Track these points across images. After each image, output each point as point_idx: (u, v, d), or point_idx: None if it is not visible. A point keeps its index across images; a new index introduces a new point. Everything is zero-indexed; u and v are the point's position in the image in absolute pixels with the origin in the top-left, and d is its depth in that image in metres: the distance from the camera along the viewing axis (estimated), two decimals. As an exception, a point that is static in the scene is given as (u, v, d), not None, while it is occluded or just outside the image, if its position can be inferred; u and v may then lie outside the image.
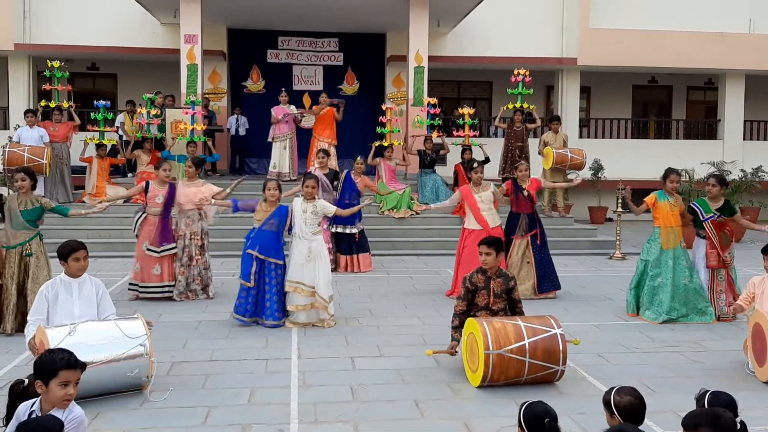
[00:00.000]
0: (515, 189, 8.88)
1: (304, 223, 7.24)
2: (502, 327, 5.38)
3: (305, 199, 7.33)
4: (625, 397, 3.29)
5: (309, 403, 5.08)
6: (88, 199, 12.88)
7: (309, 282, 7.17)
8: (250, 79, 17.70)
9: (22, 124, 13.36)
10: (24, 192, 7.01)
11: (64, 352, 3.47)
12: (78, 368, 3.41)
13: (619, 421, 3.26)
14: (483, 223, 8.60)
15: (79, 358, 3.49)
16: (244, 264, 7.28)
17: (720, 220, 7.71)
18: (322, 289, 7.20)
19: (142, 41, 16.83)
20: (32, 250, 6.94)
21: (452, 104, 19.60)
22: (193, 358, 6.15)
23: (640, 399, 3.31)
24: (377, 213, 12.91)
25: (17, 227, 6.95)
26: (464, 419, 4.83)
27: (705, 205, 7.78)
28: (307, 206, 7.28)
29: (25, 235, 6.95)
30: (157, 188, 8.40)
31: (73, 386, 3.37)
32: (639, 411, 3.27)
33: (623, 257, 11.99)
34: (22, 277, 6.90)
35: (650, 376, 5.71)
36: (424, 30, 14.81)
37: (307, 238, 7.23)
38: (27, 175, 7.04)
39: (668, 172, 7.80)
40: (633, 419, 3.24)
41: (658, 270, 7.69)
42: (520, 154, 13.46)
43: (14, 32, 16.37)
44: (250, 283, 7.18)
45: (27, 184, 7.00)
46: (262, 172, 17.24)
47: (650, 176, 17.52)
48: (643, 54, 17.88)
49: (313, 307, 7.23)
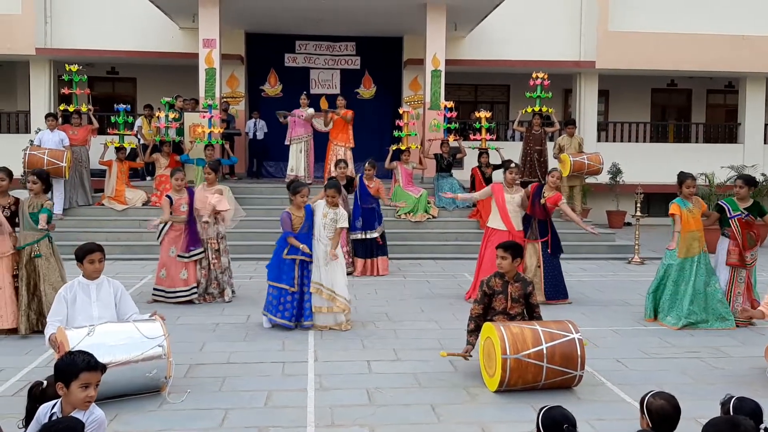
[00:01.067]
0: (536, 194, 8.81)
1: (323, 227, 7.29)
2: (519, 332, 5.35)
3: (328, 205, 7.36)
4: (658, 401, 3.25)
5: (326, 406, 5.08)
6: (107, 202, 13.00)
7: (327, 284, 7.20)
8: (267, 83, 17.78)
9: (43, 128, 13.50)
10: (35, 194, 7.07)
11: (84, 354, 3.50)
12: (98, 370, 3.44)
13: (648, 424, 3.23)
14: (508, 224, 8.52)
15: (98, 359, 3.51)
16: (286, 270, 7.24)
17: (747, 219, 7.64)
18: (339, 290, 7.23)
19: (161, 46, 16.97)
20: (41, 252, 6.98)
21: (469, 108, 19.55)
22: (210, 360, 6.18)
23: (673, 406, 3.26)
24: (394, 217, 12.90)
25: (27, 228, 7.03)
26: (481, 424, 4.80)
27: (733, 204, 7.73)
28: (328, 211, 7.33)
29: (34, 237, 7.02)
30: (177, 197, 8.47)
31: (94, 388, 3.40)
32: (670, 418, 3.22)
33: (642, 262, 11.89)
34: (33, 279, 6.96)
35: (670, 382, 5.64)
36: (441, 33, 14.79)
37: (324, 242, 7.26)
38: (39, 178, 7.09)
39: (683, 177, 7.71)
40: (664, 425, 3.20)
41: (678, 275, 7.61)
42: (539, 157, 13.42)
43: (36, 37, 16.57)
44: (294, 288, 7.20)
45: (38, 187, 7.05)
46: (279, 175, 17.31)
47: (669, 180, 17.42)
48: (662, 57, 17.73)
49: (331, 310, 7.25)
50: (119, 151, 13.15)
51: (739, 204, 7.69)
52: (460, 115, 16.73)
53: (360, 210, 10.49)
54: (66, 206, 12.71)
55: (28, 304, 6.91)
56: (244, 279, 9.80)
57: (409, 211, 13.00)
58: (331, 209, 7.35)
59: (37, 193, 7.08)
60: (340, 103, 14.23)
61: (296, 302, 7.24)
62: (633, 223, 12.56)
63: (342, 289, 7.27)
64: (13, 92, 19.01)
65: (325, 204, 7.38)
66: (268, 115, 17.02)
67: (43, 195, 7.17)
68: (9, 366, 5.93)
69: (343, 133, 14.22)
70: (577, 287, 9.21)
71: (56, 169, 11.96)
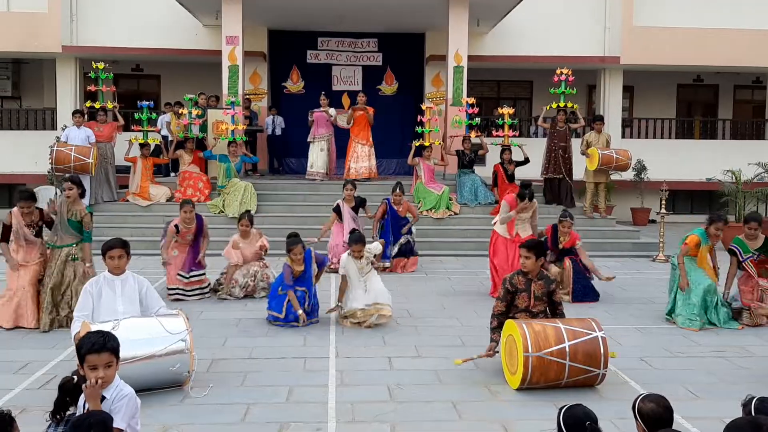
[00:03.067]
0: (554, 239, 8.80)
1: (361, 275, 7.32)
2: (542, 329, 5.31)
3: (356, 258, 7.34)
4: (648, 404, 3.20)
5: (347, 402, 5.09)
6: (132, 198, 13.12)
7: (370, 302, 7.21)
8: (289, 80, 17.83)
9: (69, 125, 13.67)
10: (72, 201, 7.13)
11: (95, 335, 3.50)
12: (105, 351, 3.40)
13: (644, 429, 3.18)
14: (512, 232, 8.62)
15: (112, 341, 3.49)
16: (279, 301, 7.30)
17: (760, 259, 7.60)
18: (382, 299, 7.26)
19: (184, 43, 17.09)
20: (78, 255, 7.11)
21: (492, 104, 19.45)
22: (232, 355, 6.22)
23: (664, 407, 3.19)
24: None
25: (65, 231, 7.12)
26: (503, 422, 4.78)
27: (743, 245, 7.66)
28: (360, 263, 7.35)
29: (72, 239, 7.12)
30: (185, 228, 8.50)
31: (103, 369, 3.39)
32: (663, 420, 3.17)
33: (667, 259, 11.74)
34: (61, 278, 7.03)
35: (694, 382, 5.58)
36: (463, 29, 14.72)
37: (363, 278, 7.32)
38: (74, 183, 7.17)
39: (714, 219, 7.57)
40: (658, 427, 3.15)
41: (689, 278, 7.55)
42: (564, 154, 13.29)
43: (62, 35, 16.78)
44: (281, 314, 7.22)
45: (74, 193, 7.13)
46: (301, 171, 17.37)
47: (695, 177, 17.25)
48: (688, 52, 17.48)
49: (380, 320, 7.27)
50: (143, 148, 13.27)
51: (749, 245, 7.61)
52: (483, 111, 16.64)
53: (390, 236, 10.43)
54: (91, 202, 12.86)
55: (55, 305, 6.98)
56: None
57: (430, 208, 12.97)
58: (362, 260, 7.36)
59: (74, 200, 7.14)
60: (360, 100, 14.26)
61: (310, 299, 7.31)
62: (658, 220, 12.42)
63: (383, 296, 7.28)
64: (40, 89, 19.28)
65: (353, 259, 7.34)
66: (290, 111, 17.10)
67: (80, 201, 7.22)
68: (35, 359, 6.02)
69: (365, 130, 14.34)
70: (601, 285, 9.11)
71: (83, 165, 12.12)
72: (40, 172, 16.12)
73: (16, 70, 19.04)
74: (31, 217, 7.15)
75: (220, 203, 12.85)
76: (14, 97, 19.07)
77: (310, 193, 13.87)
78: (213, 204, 12.87)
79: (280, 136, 16.81)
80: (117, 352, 3.49)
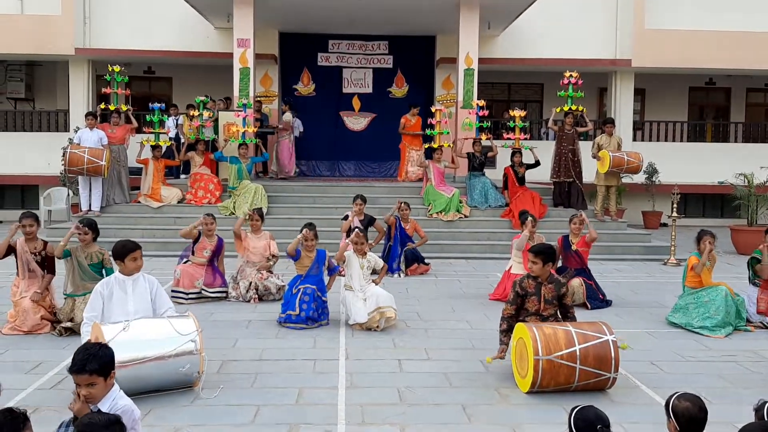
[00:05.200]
0: (565, 246, 8.71)
1: (362, 276, 7.33)
2: (552, 333, 5.30)
3: (358, 255, 7.37)
4: (683, 403, 3.18)
5: (356, 404, 5.10)
6: (143, 200, 13.19)
7: (371, 309, 7.17)
8: (300, 82, 17.87)
9: (81, 126, 13.76)
10: (86, 244, 7.03)
11: (83, 352, 3.42)
12: (84, 373, 3.33)
13: (676, 428, 3.17)
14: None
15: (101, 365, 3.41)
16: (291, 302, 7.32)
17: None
18: (383, 302, 7.20)
19: (196, 45, 17.17)
20: None
21: (502, 107, 19.43)
22: (242, 357, 6.24)
23: (699, 407, 3.18)
24: (425, 216, 12.88)
25: (85, 279, 6.98)
26: (513, 425, 4.77)
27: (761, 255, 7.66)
28: (363, 261, 7.37)
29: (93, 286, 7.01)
30: (207, 242, 8.55)
31: (85, 387, 3.33)
32: (697, 420, 3.15)
33: (678, 263, 11.67)
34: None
35: (706, 386, 5.54)
36: (474, 32, 14.72)
37: (362, 290, 7.29)
38: (89, 227, 7.05)
39: (701, 234, 7.59)
40: (692, 427, 3.14)
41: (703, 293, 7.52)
42: (573, 157, 13.25)
43: (75, 37, 16.89)
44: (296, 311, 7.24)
45: (89, 237, 7.01)
46: (311, 174, 17.41)
47: (707, 181, 17.15)
48: (700, 55, 17.39)
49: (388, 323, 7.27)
50: (155, 150, 13.34)
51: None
52: (493, 114, 16.62)
53: (398, 252, 10.38)
54: (103, 204, 12.95)
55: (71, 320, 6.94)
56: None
57: (440, 210, 12.96)
58: (363, 259, 7.38)
59: (88, 243, 7.03)
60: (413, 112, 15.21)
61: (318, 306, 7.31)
62: (669, 223, 12.36)
63: (383, 299, 7.22)
64: (53, 91, 19.43)
65: (356, 256, 7.37)
66: (301, 114, 17.12)
67: (94, 244, 7.09)
68: (47, 360, 6.06)
69: (417, 138, 14.97)
70: (612, 289, 9.08)
71: (96, 167, 12.20)
72: (53, 174, 16.25)
73: (30, 72, 19.18)
74: (34, 244, 7.13)
75: (231, 205, 12.90)
76: (28, 99, 19.21)
77: (321, 195, 13.90)
78: (224, 206, 12.92)
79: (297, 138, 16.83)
80: (101, 371, 3.37)
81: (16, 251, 7.12)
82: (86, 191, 12.84)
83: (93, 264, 7.03)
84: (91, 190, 12.83)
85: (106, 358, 3.44)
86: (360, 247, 7.38)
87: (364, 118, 17.92)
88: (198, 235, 8.59)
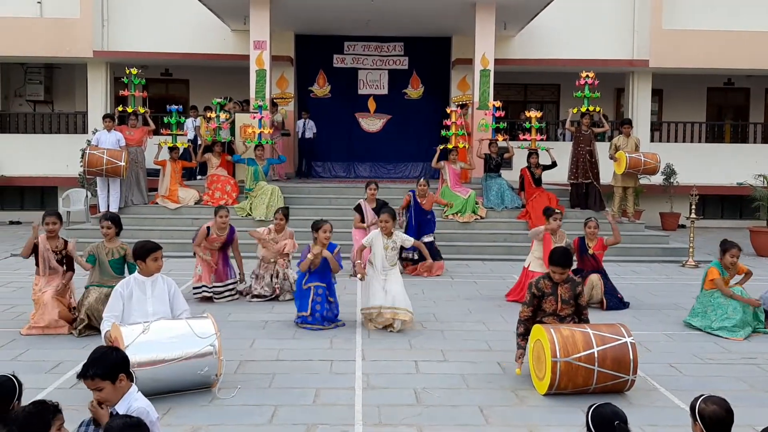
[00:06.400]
0: (581, 249, 8.68)
1: (385, 258, 7.27)
2: (570, 334, 5.27)
3: (384, 235, 7.30)
4: (710, 406, 3.16)
5: (373, 405, 5.10)
6: (161, 201, 13.28)
7: (388, 304, 7.16)
8: (316, 84, 17.94)
9: (99, 128, 13.88)
10: (109, 239, 7.13)
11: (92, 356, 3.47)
12: (87, 379, 3.39)
13: (702, 430, 3.14)
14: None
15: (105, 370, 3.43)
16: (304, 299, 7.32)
17: None
18: (400, 303, 7.17)
19: (213, 48, 17.28)
20: None
21: (519, 108, 19.36)
22: (260, 357, 6.26)
23: (726, 410, 3.16)
24: (441, 217, 12.86)
25: (105, 276, 7.07)
26: (530, 427, 4.75)
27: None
28: (387, 242, 7.29)
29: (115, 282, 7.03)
30: (217, 234, 8.54)
31: (95, 392, 3.38)
32: (724, 422, 3.13)
33: (696, 265, 11.58)
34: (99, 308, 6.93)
35: (726, 389, 5.48)
36: (490, 33, 14.69)
37: (385, 271, 7.26)
38: (113, 222, 7.15)
39: (728, 246, 7.45)
40: (717, 430, 3.11)
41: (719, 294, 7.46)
42: (590, 158, 13.18)
43: (93, 40, 17.05)
44: (307, 312, 7.24)
45: (112, 231, 7.11)
46: (327, 176, 17.46)
47: (725, 182, 16.99)
48: (719, 55, 17.24)
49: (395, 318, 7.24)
50: (172, 151, 13.43)
51: None
52: (509, 115, 16.56)
53: (416, 228, 10.39)
54: (122, 205, 13.05)
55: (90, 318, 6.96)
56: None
57: (456, 212, 12.93)
58: (389, 240, 7.28)
59: (111, 238, 7.14)
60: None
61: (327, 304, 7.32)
62: (687, 225, 12.25)
63: (401, 300, 7.19)
64: (71, 93, 19.62)
65: (382, 236, 7.29)
66: (316, 115, 17.22)
67: (117, 239, 7.20)
68: (66, 359, 6.12)
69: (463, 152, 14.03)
70: (630, 290, 9.02)
71: (114, 168, 12.31)
72: (72, 175, 16.40)
73: (49, 74, 19.38)
74: (55, 242, 7.21)
75: (248, 206, 12.96)
76: (47, 102, 19.42)
77: (336, 196, 13.93)
78: (240, 207, 12.99)
79: (311, 140, 16.92)
80: (106, 375, 3.39)
81: (37, 249, 7.20)
82: (104, 192, 12.95)
83: (114, 260, 7.10)
84: (109, 192, 12.94)
85: (110, 362, 3.45)
86: (386, 225, 7.27)
87: (380, 119, 17.96)
88: (207, 231, 8.54)
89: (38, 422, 2.92)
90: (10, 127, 18.53)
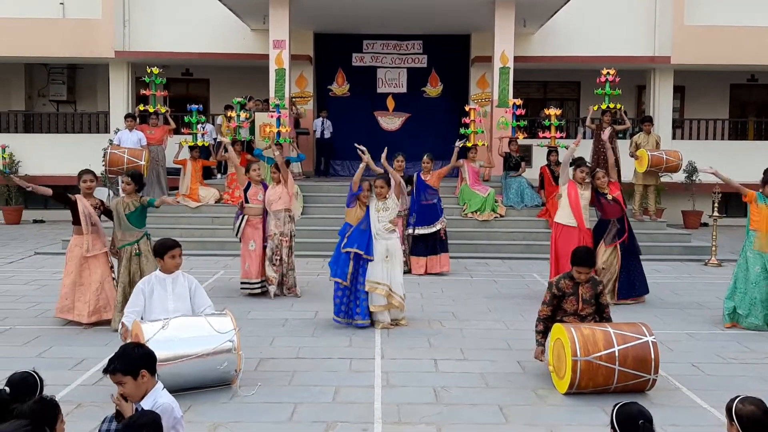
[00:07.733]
0: (597, 196, 8.60)
1: (377, 221, 7.31)
2: (590, 333, 5.24)
3: (378, 198, 7.40)
4: (747, 407, 3.12)
5: (392, 403, 5.11)
6: (182, 200, 13.38)
7: (385, 281, 7.20)
8: (335, 83, 17.96)
9: (121, 128, 14.00)
10: (128, 194, 7.41)
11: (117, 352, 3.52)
12: (110, 373, 3.45)
13: (738, 431, 3.11)
14: (579, 220, 8.31)
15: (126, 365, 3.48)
16: (341, 264, 7.29)
17: None
18: (395, 287, 7.23)
19: (233, 47, 17.36)
20: (141, 250, 7.28)
21: (538, 105, 19.22)
22: (279, 355, 6.30)
23: (764, 411, 3.10)
24: (460, 215, 12.83)
25: (125, 229, 7.35)
26: (550, 426, 4.74)
27: None
28: (379, 205, 7.37)
29: (134, 236, 7.32)
30: (255, 187, 8.84)
31: (118, 386, 3.43)
32: (763, 423, 3.09)
33: (719, 264, 11.45)
34: (129, 277, 7.19)
35: (748, 389, 5.40)
36: (509, 30, 14.61)
37: (384, 238, 7.28)
38: (133, 179, 7.43)
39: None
40: (754, 431, 3.07)
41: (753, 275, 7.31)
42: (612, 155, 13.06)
43: (115, 40, 17.22)
44: (347, 282, 7.24)
45: (131, 187, 7.40)
46: (346, 174, 17.48)
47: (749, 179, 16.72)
48: (742, 51, 16.99)
49: (389, 307, 7.27)
50: (193, 150, 13.52)
51: None
52: (529, 113, 16.45)
53: (417, 206, 10.43)
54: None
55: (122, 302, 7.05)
56: (312, 276, 9.93)
57: (476, 210, 12.89)
58: (381, 202, 7.39)
59: (130, 193, 7.42)
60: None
61: (345, 298, 7.27)
62: (710, 223, 12.12)
63: (398, 287, 7.27)
64: (93, 93, 19.82)
65: (375, 200, 7.40)
66: (335, 114, 17.24)
67: (136, 194, 7.47)
68: (90, 356, 6.20)
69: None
70: (652, 289, 8.94)
71: (135, 167, 12.38)
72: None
73: (72, 75, 19.59)
74: (92, 200, 7.42)
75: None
76: (69, 102, 19.63)
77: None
78: (260, 205, 13.03)
79: (329, 139, 16.95)
80: (127, 371, 3.43)
81: (77, 207, 7.31)
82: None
83: (132, 212, 7.33)
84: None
85: (131, 357, 3.49)
86: (380, 190, 7.37)
87: (398, 118, 17.94)
88: (248, 183, 8.85)
89: (51, 413, 3.01)
90: (34, 127, 18.75)
